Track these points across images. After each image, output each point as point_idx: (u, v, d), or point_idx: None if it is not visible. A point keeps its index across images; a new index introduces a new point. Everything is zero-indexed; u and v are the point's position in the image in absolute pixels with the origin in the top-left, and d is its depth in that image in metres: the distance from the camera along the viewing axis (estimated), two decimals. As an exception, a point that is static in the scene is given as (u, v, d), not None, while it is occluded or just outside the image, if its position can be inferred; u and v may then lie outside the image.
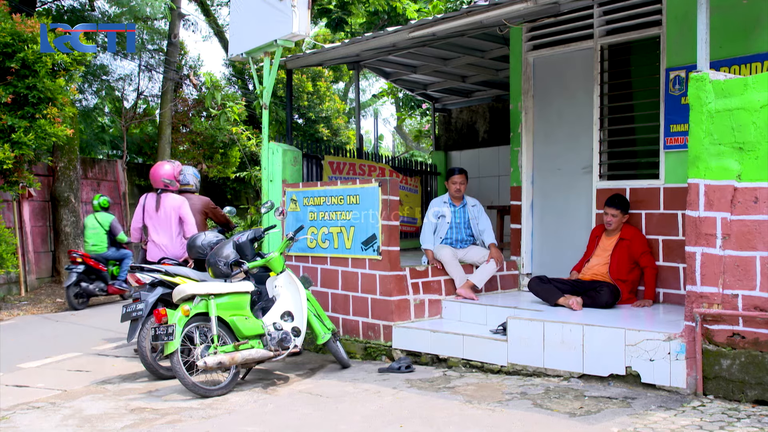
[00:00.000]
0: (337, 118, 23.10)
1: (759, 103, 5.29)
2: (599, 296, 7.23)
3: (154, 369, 7.08)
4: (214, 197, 21.97)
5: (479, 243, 8.49)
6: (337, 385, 6.63)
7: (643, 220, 7.66)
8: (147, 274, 7.54)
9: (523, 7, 7.21)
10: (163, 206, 8.35)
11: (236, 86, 23.43)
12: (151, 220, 8.39)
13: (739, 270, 5.36)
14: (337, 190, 8.22)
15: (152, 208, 8.38)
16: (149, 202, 8.43)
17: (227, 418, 5.63)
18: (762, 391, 5.22)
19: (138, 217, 8.52)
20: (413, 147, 32.98)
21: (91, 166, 17.31)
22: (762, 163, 5.27)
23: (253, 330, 6.67)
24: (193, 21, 21.96)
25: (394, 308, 7.68)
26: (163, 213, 8.35)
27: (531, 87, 8.81)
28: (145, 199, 8.49)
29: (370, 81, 34.73)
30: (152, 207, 8.38)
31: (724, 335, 5.44)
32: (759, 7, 6.78)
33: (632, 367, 5.86)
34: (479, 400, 5.75)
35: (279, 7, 8.34)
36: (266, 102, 9.06)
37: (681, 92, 7.28)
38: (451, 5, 16.31)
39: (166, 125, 18.47)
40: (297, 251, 8.66)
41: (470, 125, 13.89)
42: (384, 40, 8.85)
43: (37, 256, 14.73)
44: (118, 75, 21.52)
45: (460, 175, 8.34)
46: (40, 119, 11.20)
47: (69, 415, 5.78)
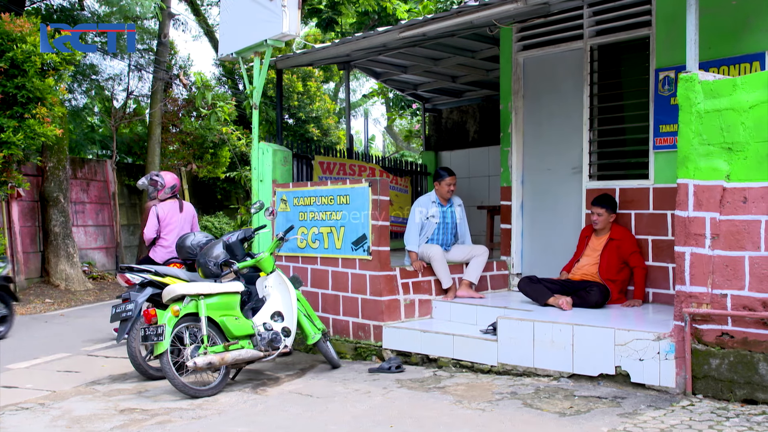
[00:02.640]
0: (328, 119, 23.06)
1: (748, 103, 5.32)
2: (589, 296, 7.24)
3: (143, 369, 7.06)
4: (204, 197, 22.02)
5: (460, 243, 8.51)
6: (327, 386, 6.63)
7: (633, 220, 7.68)
8: (136, 274, 7.52)
9: (513, 7, 7.22)
10: (185, 210, 9.12)
11: (226, 86, 23.37)
12: (170, 223, 8.94)
13: (728, 270, 5.39)
14: (327, 190, 8.22)
15: (175, 211, 8.99)
16: (171, 206, 8.99)
17: (217, 418, 5.62)
18: (750, 391, 5.24)
19: (156, 222, 8.95)
20: (403, 147, 32.99)
21: (81, 166, 17.25)
22: (751, 163, 5.30)
23: (243, 330, 6.66)
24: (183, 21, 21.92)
25: (385, 308, 7.68)
26: (184, 216, 9.08)
27: (521, 87, 8.83)
28: (162, 205, 8.97)
29: (360, 81, 34.71)
30: (175, 210, 9.00)
31: (713, 335, 5.46)
32: (748, 7, 6.81)
33: (622, 366, 5.88)
34: (469, 400, 5.76)
35: (269, 6, 8.33)
36: (256, 102, 9.05)
37: (670, 93, 7.30)
38: (442, 5, 16.33)
39: (155, 125, 18.40)
40: (287, 251, 8.65)
41: (460, 125, 13.90)
42: (374, 40, 8.86)
43: (26, 257, 14.65)
44: (107, 75, 21.43)
45: (452, 176, 8.31)
46: (29, 119, 11.16)
47: (58, 416, 5.76)
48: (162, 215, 8.91)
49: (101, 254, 17.50)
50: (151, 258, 8.94)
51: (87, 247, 17.03)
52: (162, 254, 8.93)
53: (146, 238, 8.96)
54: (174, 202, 9.07)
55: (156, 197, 9.07)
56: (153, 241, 8.98)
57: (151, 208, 8.98)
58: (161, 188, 9.01)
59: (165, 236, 8.92)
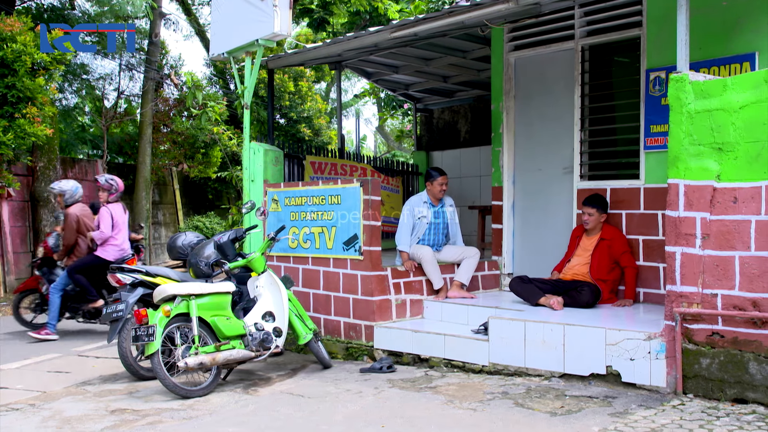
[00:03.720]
0: (319, 118, 23.04)
1: (738, 104, 5.33)
2: (580, 296, 7.26)
3: (134, 370, 7.04)
4: (195, 197, 21.98)
5: (451, 243, 8.51)
6: (318, 386, 6.62)
7: (624, 220, 7.70)
8: (127, 274, 7.49)
9: (505, 7, 7.23)
10: (126, 212, 9.83)
11: (217, 86, 23.34)
12: (120, 223, 9.59)
13: (718, 270, 5.40)
14: (318, 190, 8.21)
15: (122, 213, 9.67)
16: (119, 208, 9.67)
17: (208, 418, 5.61)
18: (741, 390, 5.26)
19: (111, 221, 9.54)
20: (395, 147, 32.99)
21: (71, 166, 17.19)
22: (741, 163, 5.31)
23: (234, 330, 6.65)
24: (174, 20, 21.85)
25: (376, 308, 7.68)
26: (126, 217, 9.80)
27: (512, 87, 8.84)
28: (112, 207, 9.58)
29: (351, 81, 34.73)
30: (122, 211, 9.68)
31: (704, 334, 5.48)
32: (738, 8, 6.83)
33: (613, 366, 5.89)
34: (460, 400, 5.76)
35: (260, 6, 8.32)
36: (247, 102, 9.04)
37: (661, 93, 7.32)
38: (433, 6, 16.36)
39: (146, 125, 18.36)
40: (278, 251, 8.64)
41: (452, 125, 13.91)
42: (366, 40, 8.85)
43: (16, 257, 14.59)
44: (98, 74, 21.36)
45: (444, 176, 8.30)
46: (20, 119, 11.12)
47: (48, 417, 5.73)
48: (114, 216, 9.47)
49: (92, 254, 17.42)
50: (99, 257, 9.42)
51: (78, 247, 16.94)
52: (114, 253, 9.48)
53: (103, 237, 9.39)
54: (119, 204, 9.71)
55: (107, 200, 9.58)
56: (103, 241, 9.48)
57: (104, 209, 9.48)
58: (115, 192, 9.58)
59: (116, 235, 9.50)
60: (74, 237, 9.61)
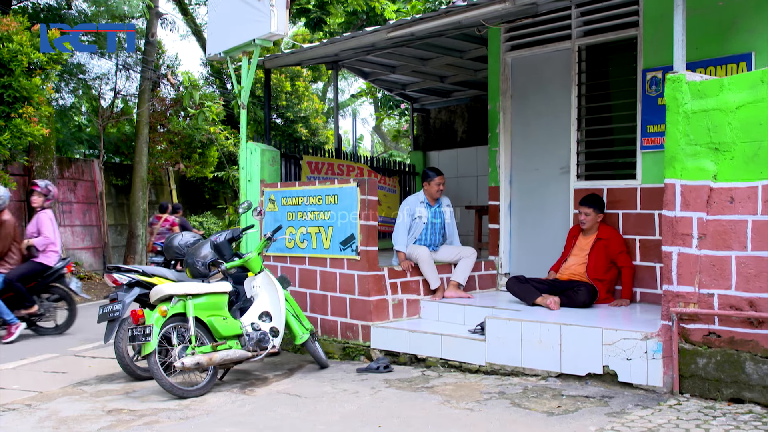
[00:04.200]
0: (316, 118, 23.04)
1: (734, 104, 5.34)
2: (577, 296, 7.26)
3: (131, 370, 7.03)
4: (192, 197, 21.97)
5: (448, 243, 8.51)
6: (315, 386, 6.62)
7: (620, 220, 7.71)
8: (124, 274, 7.49)
9: (501, 7, 7.23)
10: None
11: (214, 86, 23.31)
12: (56, 229, 9.72)
13: (714, 269, 5.41)
14: (315, 190, 8.21)
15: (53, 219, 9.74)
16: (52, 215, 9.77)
17: (205, 418, 5.60)
18: (737, 390, 5.27)
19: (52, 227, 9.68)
20: (392, 147, 33.04)
21: (68, 166, 17.19)
22: (737, 163, 5.32)
23: (231, 330, 6.64)
24: (170, 20, 21.72)
25: (373, 308, 7.68)
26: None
27: (509, 87, 8.84)
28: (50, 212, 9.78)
29: (348, 81, 34.71)
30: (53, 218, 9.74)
31: (700, 334, 5.48)
32: (734, 8, 6.84)
33: (609, 366, 5.90)
34: (457, 400, 5.76)
35: (257, 6, 8.31)
36: (244, 102, 9.03)
37: (658, 93, 7.33)
38: (430, 5, 16.36)
39: (143, 125, 18.34)
40: (275, 251, 8.64)
41: (449, 125, 13.91)
42: (362, 40, 8.85)
43: (12, 257, 14.55)
44: (95, 74, 21.32)
45: (441, 176, 8.30)
46: (16, 118, 11.10)
47: (45, 417, 5.73)
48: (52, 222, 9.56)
49: (88, 254, 17.44)
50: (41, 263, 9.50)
51: (74, 247, 16.97)
52: (55, 258, 9.61)
53: (47, 242, 9.47)
54: (49, 211, 9.79)
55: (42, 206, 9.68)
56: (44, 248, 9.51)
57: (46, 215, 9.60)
58: (51, 198, 9.76)
59: (55, 240, 9.53)
60: (10, 244, 9.45)
